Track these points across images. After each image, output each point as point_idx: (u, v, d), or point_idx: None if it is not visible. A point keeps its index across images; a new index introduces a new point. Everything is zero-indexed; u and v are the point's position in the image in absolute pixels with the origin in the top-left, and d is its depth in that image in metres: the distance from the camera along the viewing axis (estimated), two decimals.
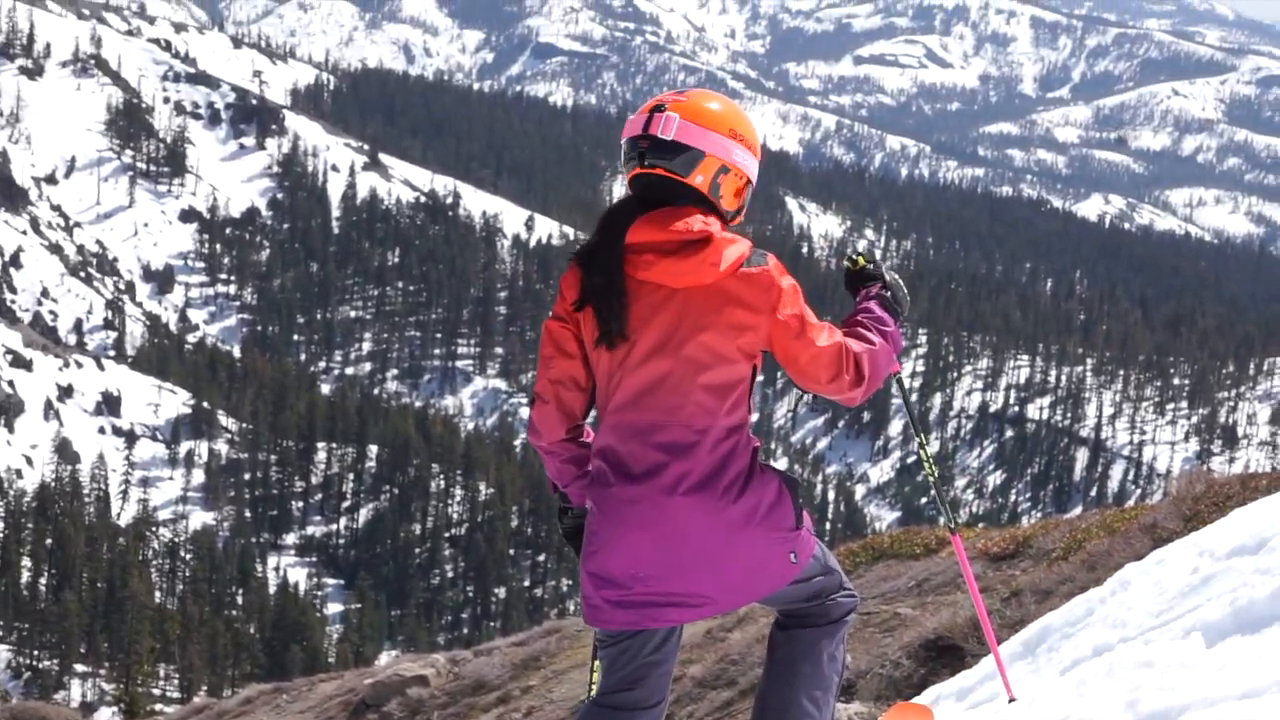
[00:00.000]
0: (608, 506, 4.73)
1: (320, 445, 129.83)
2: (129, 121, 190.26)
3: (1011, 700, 6.56)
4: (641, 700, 4.85)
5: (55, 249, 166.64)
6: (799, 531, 4.82)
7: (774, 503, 4.73)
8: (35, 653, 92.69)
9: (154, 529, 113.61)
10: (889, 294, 5.20)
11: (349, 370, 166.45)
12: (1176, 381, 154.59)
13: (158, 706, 61.85)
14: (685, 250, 4.59)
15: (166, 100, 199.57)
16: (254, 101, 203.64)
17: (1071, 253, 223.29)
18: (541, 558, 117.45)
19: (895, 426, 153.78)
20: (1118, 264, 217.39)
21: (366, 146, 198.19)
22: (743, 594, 4.78)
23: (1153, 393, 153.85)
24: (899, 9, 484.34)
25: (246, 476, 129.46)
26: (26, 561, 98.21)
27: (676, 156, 4.69)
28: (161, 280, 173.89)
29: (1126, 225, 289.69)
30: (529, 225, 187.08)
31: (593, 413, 4.97)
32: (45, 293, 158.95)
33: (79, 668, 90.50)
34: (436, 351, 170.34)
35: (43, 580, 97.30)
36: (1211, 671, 4.99)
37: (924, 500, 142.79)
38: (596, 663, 5.04)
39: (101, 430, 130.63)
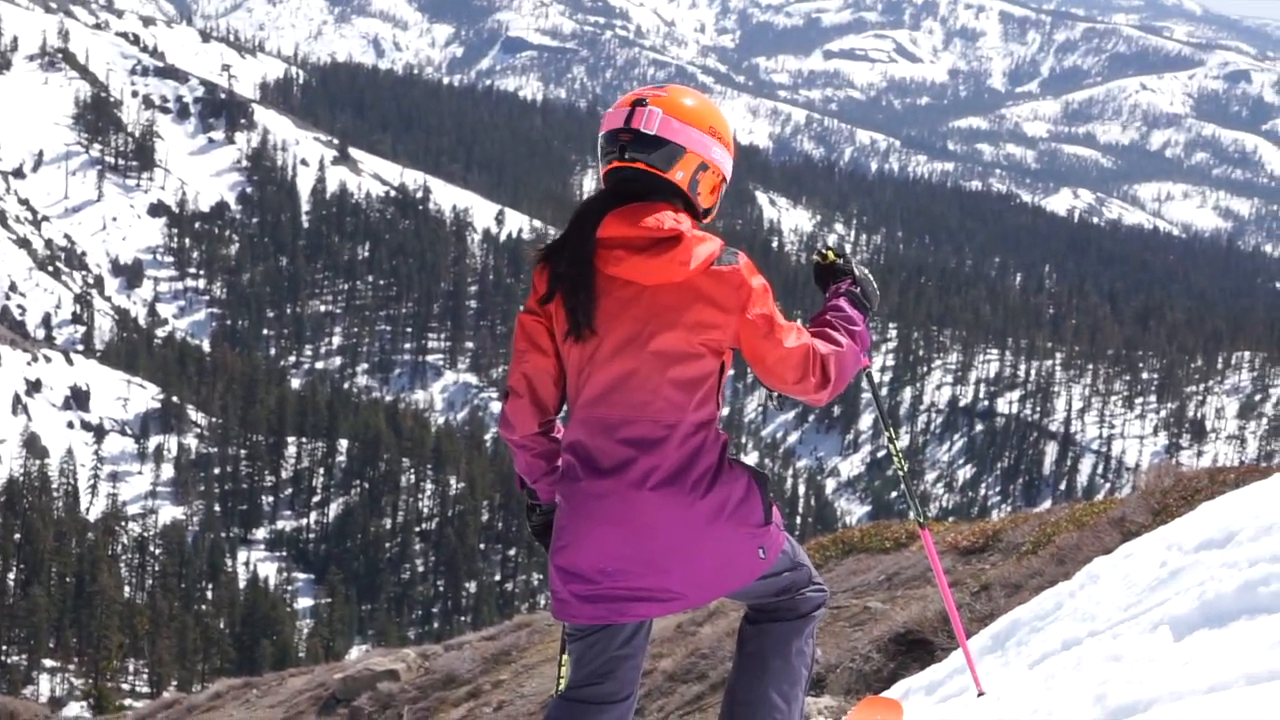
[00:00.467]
0: (576, 501, 4.72)
1: (290, 440, 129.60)
2: (97, 115, 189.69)
3: (980, 694, 6.57)
4: (611, 694, 4.84)
5: (23, 243, 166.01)
6: (768, 527, 4.81)
7: (743, 498, 4.73)
8: (3, 648, 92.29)
9: (123, 524, 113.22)
10: (858, 289, 5.20)
11: (319, 364, 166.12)
12: (1145, 375, 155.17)
13: (127, 702, 61.70)
14: (655, 248, 4.57)
15: (134, 94, 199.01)
16: (223, 95, 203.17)
17: (1041, 247, 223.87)
18: (512, 552, 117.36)
19: (866, 421, 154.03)
20: (1087, 258, 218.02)
21: (336, 140, 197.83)
22: (711, 589, 4.77)
23: (1121, 386, 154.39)
24: (868, 4, 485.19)
25: (216, 471, 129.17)
26: None
27: (657, 151, 4.69)
28: (130, 274, 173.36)
29: (1095, 219, 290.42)
30: (499, 219, 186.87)
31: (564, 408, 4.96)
32: (13, 287, 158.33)
33: (47, 663, 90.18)
34: (407, 346, 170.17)
35: (11, 575, 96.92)
36: (1179, 665, 5.01)
37: (894, 494, 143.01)
38: (565, 657, 5.04)
39: (70, 425, 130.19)
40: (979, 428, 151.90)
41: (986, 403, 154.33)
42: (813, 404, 4.94)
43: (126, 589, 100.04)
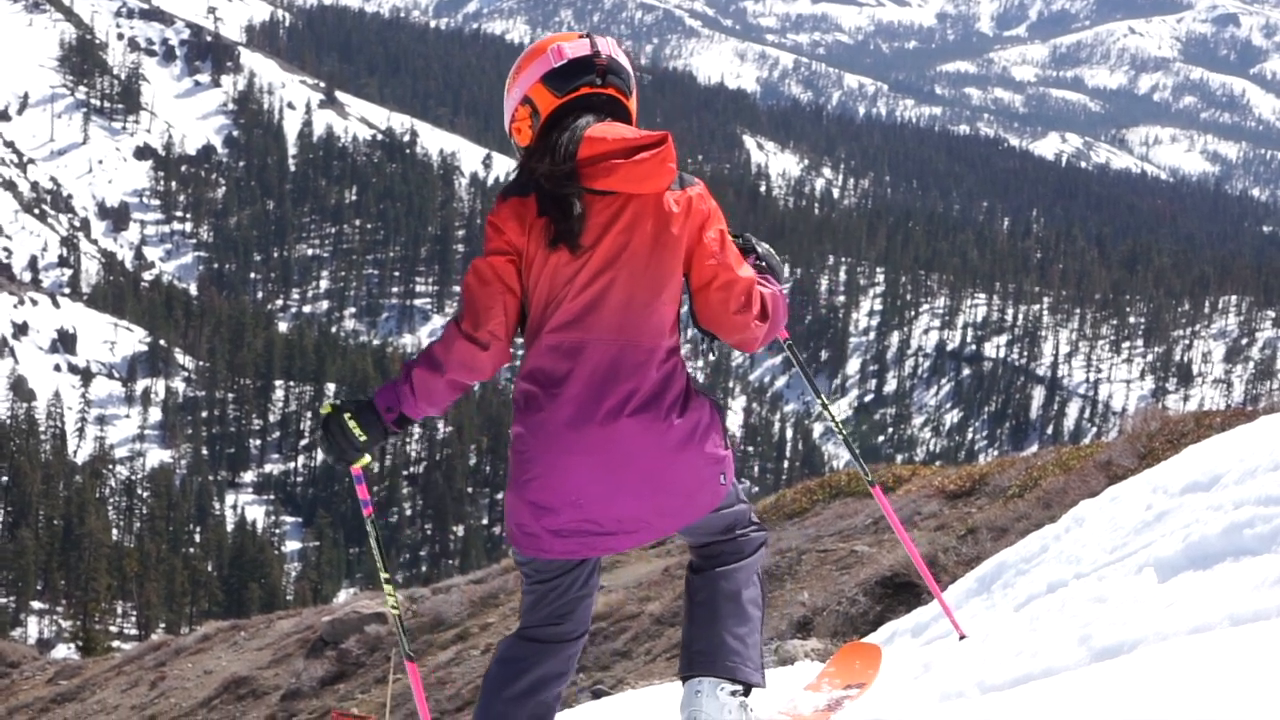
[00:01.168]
0: (545, 432, 4.67)
1: (278, 383, 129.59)
2: (82, 58, 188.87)
3: (962, 638, 6.60)
4: (569, 633, 4.87)
5: (9, 185, 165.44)
6: (728, 453, 4.85)
7: (709, 423, 4.75)
8: None
9: (111, 467, 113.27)
10: (764, 264, 5.17)
11: (306, 308, 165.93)
12: (1132, 320, 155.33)
13: (115, 644, 61.80)
14: (642, 151, 4.59)
15: (120, 36, 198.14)
16: (209, 38, 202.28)
17: (1028, 191, 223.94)
18: (500, 496, 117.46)
19: (853, 365, 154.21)
20: (1074, 202, 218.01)
21: (323, 84, 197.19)
22: (679, 518, 4.77)
23: (1109, 331, 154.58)
24: None
25: (204, 414, 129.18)
26: None
27: (623, 80, 4.86)
28: (117, 217, 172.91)
29: (1083, 164, 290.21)
30: (486, 163, 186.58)
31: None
32: None
33: (36, 605, 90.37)
34: (394, 289, 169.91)
35: None
36: (1163, 607, 5.03)
37: (881, 439, 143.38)
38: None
39: (57, 368, 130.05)
40: (966, 372, 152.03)
41: (974, 347, 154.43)
42: (745, 345, 4.89)
43: (114, 532, 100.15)
